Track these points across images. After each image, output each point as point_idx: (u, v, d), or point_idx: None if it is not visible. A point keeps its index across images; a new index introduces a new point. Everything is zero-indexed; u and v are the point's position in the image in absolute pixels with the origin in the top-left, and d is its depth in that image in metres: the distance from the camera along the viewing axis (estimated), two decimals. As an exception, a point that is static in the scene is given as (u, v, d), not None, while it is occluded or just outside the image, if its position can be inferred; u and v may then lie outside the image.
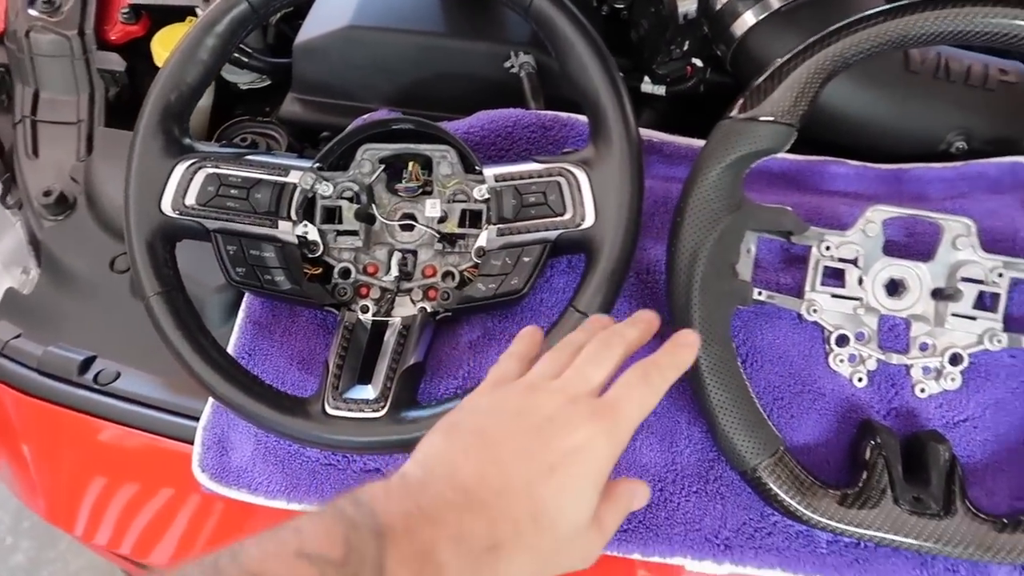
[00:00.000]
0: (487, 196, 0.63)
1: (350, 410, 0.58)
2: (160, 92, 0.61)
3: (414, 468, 0.41)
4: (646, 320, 0.48)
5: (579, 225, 0.59)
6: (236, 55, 0.86)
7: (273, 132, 0.82)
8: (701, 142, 0.61)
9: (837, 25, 0.57)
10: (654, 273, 0.68)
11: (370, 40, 0.79)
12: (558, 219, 0.60)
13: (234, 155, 0.64)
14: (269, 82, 0.94)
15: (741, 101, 0.59)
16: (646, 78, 0.88)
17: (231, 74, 0.92)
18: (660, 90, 0.87)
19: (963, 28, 0.55)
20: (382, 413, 0.57)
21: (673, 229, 0.58)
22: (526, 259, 0.60)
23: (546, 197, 0.60)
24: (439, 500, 0.38)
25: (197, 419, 0.66)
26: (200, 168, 0.63)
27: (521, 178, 0.62)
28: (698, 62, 0.86)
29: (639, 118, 0.65)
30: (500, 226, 0.62)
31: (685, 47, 0.84)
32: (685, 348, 0.47)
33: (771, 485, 0.56)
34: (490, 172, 0.64)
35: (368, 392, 0.59)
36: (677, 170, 0.74)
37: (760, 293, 0.62)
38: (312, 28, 0.81)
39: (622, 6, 0.90)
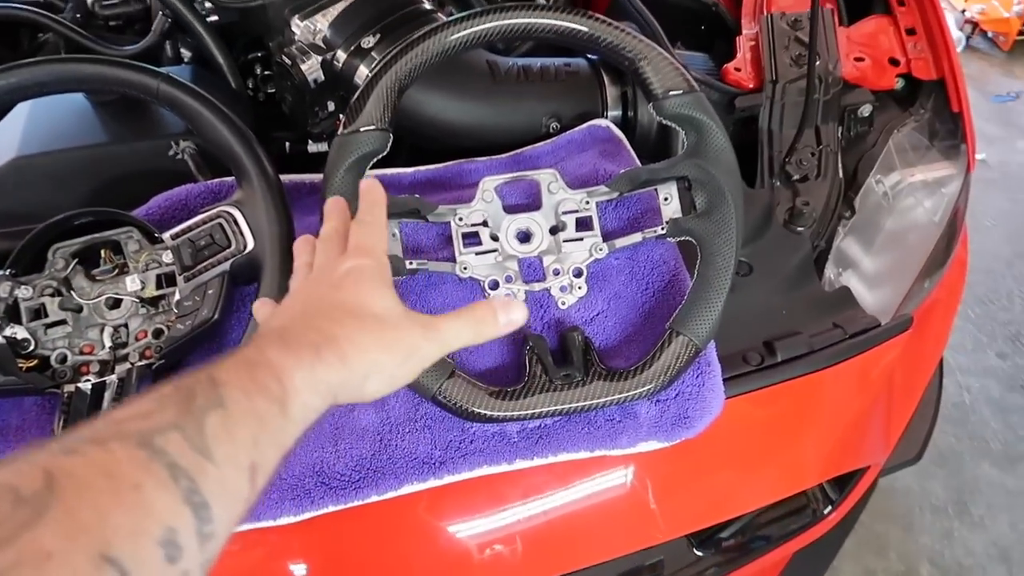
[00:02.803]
0: (172, 258, 0.74)
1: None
2: None
3: None
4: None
5: (243, 251, 0.71)
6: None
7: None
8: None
9: (391, 52, 0.76)
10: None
11: (40, 164, 0.87)
12: (227, 251, 0.72)
13: (-83, 282, 0.70)
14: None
15: (344, 118, 0.75)
16: (310, 141, 1.03)
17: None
18: (324, 147, 1.03)
19: (470, 37, 0.76)
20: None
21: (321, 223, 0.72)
22: (211, 291, 0.71)
23: (213, 238, 0.72)
24: (259, 341, 0.46)
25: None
26: None
27: (191, 229, 0.73)
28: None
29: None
30: (186, 274, 0.73)
31: (329, 107, 1.01)
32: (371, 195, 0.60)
33: (453, 399, 0.70)
34: (167, 234, 0.75)
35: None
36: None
37: (411, 263, 0.77)
38: (-19, 167, 0.88)
39: (273, 90, 1.06)
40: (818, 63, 1.01)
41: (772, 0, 1.10)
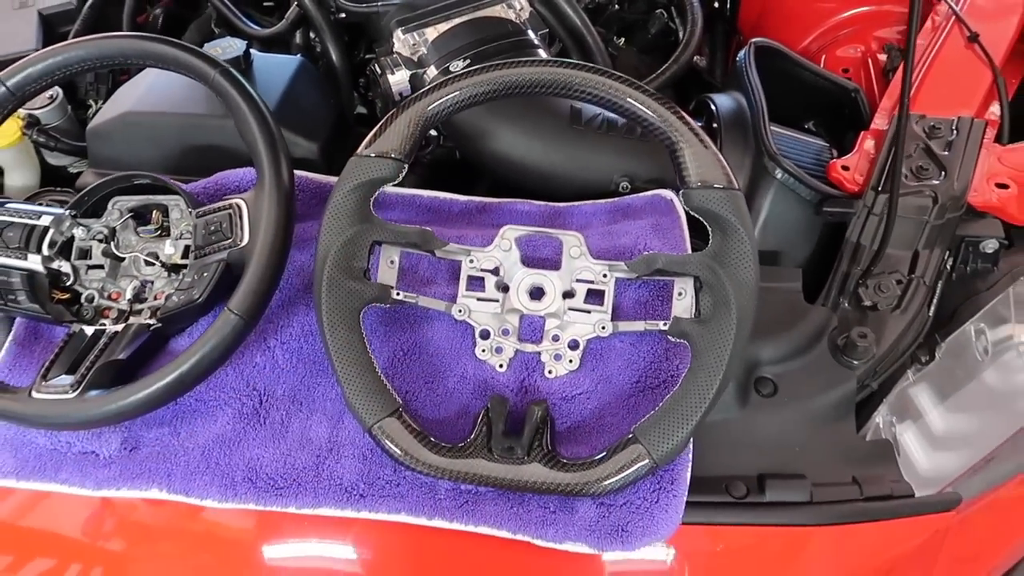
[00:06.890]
0: None
1: (49, 393, 0.72)
2: None
3: None
4: None
5: (238, 245, 0.75)
6: (43, 139, 1.05)
7: (67, 198, 0.99)
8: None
9: (425, 88, 0.75)
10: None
11: (144, 122, 0.97)
12: (226, 242, 0.76)
13: (-10, 205, 0.81)
14: (91, 165, 1.13)
15: (367, 140, 0.76)
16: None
17: (54, 159, 1.10)
18: (406, 158, 1.05)
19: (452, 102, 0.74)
20: (72, 395, 0.71)
21: (318, 237, 0.74)
22: (206, 274, 0.76)
23: (221, 226, 0.77)
24: None
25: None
26: None
27: (210, 212, 0.78)
28: (433, 132, 1.05)
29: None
30: (196, 252, 0.78)
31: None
32: None
33: (383, 440, 0.69)
34: (196, 211, 0.80)
35: (68, 380, 0.73)
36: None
37: (399, 294, 0.77)
38: (102, 115, 1.00)
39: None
40: (938, 180, 0.88)
41: (917, 98, 0.97)
